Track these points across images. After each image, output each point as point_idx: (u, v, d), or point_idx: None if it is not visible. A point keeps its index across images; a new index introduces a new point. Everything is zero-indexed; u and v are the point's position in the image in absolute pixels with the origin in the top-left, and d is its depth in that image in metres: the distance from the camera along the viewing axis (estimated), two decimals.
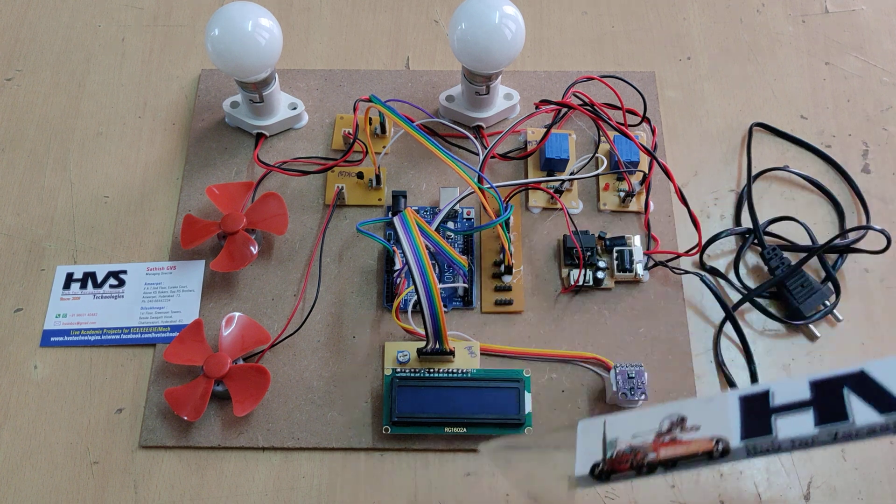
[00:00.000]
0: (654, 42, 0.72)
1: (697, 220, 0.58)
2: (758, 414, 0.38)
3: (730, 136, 0.67)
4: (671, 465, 0.40)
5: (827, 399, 0.36)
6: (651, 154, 0.59)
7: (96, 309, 0.59)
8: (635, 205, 0.62)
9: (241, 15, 0.57)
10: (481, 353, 0.57)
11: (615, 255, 0.59)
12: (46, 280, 0.61)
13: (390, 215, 0.60)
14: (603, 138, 0.64)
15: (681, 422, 0.40)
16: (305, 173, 0.62)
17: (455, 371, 0.55)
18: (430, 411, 0.53)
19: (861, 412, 0.35)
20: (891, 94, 0.69)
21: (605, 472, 0.41)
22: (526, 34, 0.58)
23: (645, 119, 0.64)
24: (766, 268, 0.60)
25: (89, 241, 0.62)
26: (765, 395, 0.38)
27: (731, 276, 0.60)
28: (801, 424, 0.36)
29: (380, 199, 0.63)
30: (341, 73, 0.70)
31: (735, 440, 0.38)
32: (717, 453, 0.38)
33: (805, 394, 0.37)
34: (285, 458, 0.54)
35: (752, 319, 0.59)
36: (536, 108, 0.64)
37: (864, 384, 0.36)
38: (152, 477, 0.54)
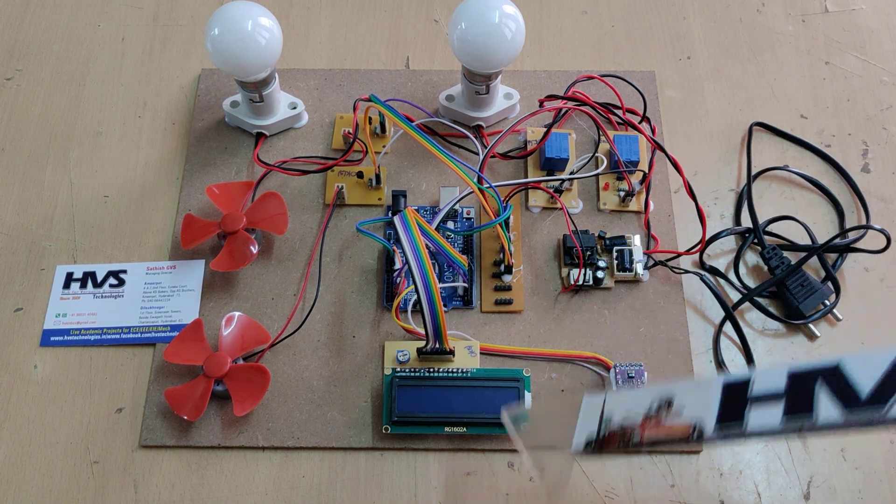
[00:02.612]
0: (654, 42, 0.72)
1: (704, 214, 0.57)
2: (735, 402, 0.38)
3: (730, 136, 0.67)
4: (652, 444, 0.41)
5: (798, 392, 0.36)
6: (660, 147, 0.59)
7: (96, 308, 0.59)
8: (635, 204, 0.62)
9: (241, 14, 0.57)
10: (481, 353, 0.57)
11: (615, 254, 0.59)
12: (46, 280, 0.61)
13: (390, 215, 0.60)
14: (603, 138, 0.64)
15: (668, 405, 0.40)
16: (305, 173, 0.62)
17: (455, 370, 0.55)
18: (429, 411, 0.54)
19: (825, 407, 0.35)
20: (891, 94, 0.69)
21: (597, 446, 0.43)
22: (526, 34, 0.58)
23: (645, 118, 0.64)
24: (765, 267, 0.60)
25: (89, 241, 0.62)
26: (745, 384, 0.38)
27: (731, 275, 0.60)
28: (770, 416, 0.37)
29: (380, 199, 0.63)
30: (341, 72, 0.70)
31: (710, 426, 0.38)
32: (692, 438, 0.39)
33: (781, 385, 0.37)
34: (285, 458, 0.54)
35: (752, 319, 0.59)
36: (540, 104, 0.64)
37: (835, 378, 0.35)
38: (152, 476, 0.54)
